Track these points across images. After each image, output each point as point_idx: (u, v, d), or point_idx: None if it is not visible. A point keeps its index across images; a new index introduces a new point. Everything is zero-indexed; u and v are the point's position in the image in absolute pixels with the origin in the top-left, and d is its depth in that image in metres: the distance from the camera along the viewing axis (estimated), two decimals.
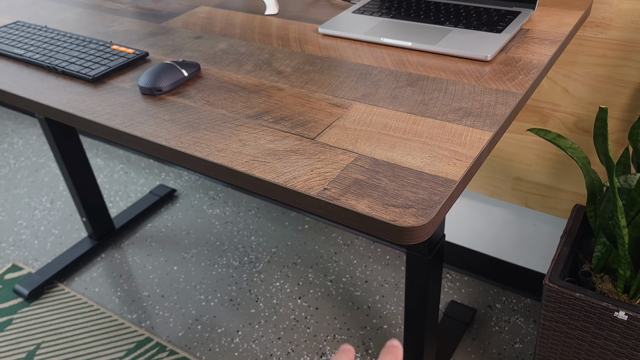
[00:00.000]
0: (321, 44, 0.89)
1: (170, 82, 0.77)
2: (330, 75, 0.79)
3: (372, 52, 0.85)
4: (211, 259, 1.69)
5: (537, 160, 1.21)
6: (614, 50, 1.00)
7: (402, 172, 0.57)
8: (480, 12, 0.91)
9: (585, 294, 0.92)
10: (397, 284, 1.57)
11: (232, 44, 0.91)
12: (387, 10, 0.95)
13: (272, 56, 0.86)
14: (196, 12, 1.06)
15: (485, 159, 0.64)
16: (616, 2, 0.96)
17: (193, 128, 0.68)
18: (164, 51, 0.90)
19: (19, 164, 2.22)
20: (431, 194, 0.54)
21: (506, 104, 0.68)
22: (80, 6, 1.12)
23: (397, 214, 0.52)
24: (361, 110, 0.69)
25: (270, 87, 0.77)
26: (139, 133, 0.68)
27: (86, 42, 0.91)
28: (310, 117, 0.69)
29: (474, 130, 0.63)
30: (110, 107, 0.74)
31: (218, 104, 0.73)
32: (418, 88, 0.74)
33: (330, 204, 0.55)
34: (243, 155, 0.62)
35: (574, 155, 0.96)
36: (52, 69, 0.84)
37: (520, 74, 0.75)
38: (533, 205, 1.29)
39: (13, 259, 1.75)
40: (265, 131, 0.67)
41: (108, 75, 0.82)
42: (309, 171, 0.59)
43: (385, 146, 0.62)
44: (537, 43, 0.83)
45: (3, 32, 0.98)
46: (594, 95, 1.06)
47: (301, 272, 1.63)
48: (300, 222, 1.81)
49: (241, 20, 1.01)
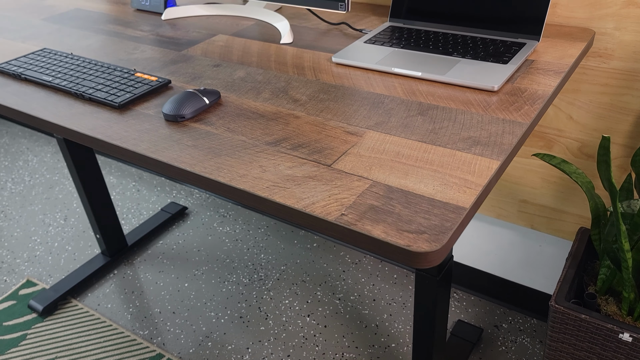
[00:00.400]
0: (335, 72, 0.93)
1: (193, 110, 0.81)
2: (345, 103, 0.83)
3: (383, 81, 0.89)
4: (221, 276, 1.72)
5: (543, 183, 1.24)
6: (617, 79, 1.04)
7: (415, 199, 0.61)
8: (487, 43, 0.95)
9: (591, 316, 0.94)
10: (405, 303, 1.59)
11: (250, 72, 0.95)
12: (397, 41, 1.00)
13: (288, 84, 0.90)
14: (214, 40, 1.11)
15: (493, 186, 0.67)
16: (618, 34, 1.00)
17: (215, 154, 0.72)
18: (185, 79, 0.94)
19: (33, 181, 2.26)
20: (443, 220, 0.57)
21: (513, 133, 0.72)
22: (103, 33, 1.17)
23: (411, 239, 0.55)
24: (374, 138, 0.73)
25: (288, 114, 0.81)
26: (164, 159, 0.72)
27: (111, 70, 0.96)
28: (326, 144, 0.73)
29: (483, 158, 0.67)
30: (136, 133, 0.78)
31: (238, 131, 0.77)
32: (428, 117, 0.77)
33: (347, 229, 0.58)
34: (264, 180, 0.66)
35: (578, 180, 0.99)
36: (80, 95, 0.89)
37: (526, 104, 0.78)
38: (539, 227, 1.32)
39: (27, 274, 1.78)
40: (283, 158, 0.70)
41: (133, 102, 0.87)
42: (327, 197, 0.62)
43: (399, 173, 0.66)
44: (542, 74, 0.87)
45: (31, 59, 1.03)
46: (598, 122, 1.10)
47: (310, 290, 1.65)
48: (309, 240, 1.85)
49: (257, 48, 1.05)
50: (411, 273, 1.69)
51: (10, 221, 2.04)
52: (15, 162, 2.41)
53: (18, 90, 0.93)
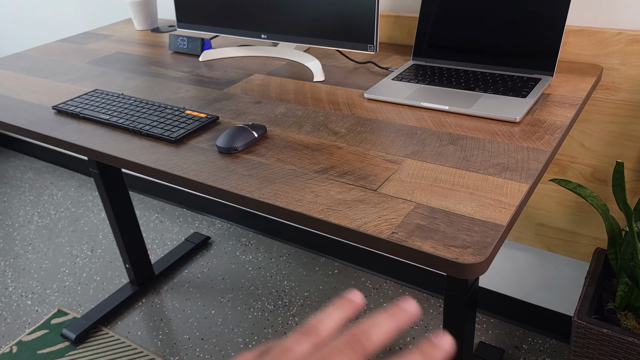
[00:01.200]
0: (368, 107, 1.02)
1: (244, 143, 0.90)
2: (381, 135, 0.91)
3: (414, 115, 0.97)
4: (247, 303, 1.78)
5: (558, 207, 1.32)
6: (624, 109, 1.12)
7: (457, 219, 0.69)
8: (505, 79, 1.05)
9: (612, 330, 1.00)
10: (426, 326, 1.64)
11: (290, 108, 1.04)
12: (422, 78, 1.09)
13: (326, 118, 0.99)
14: (252, 79, 1.20)
15: (524, 206, 0.75)
16: (623, 68, 1.09)
17: (270, 182, 0.80)
18: (231, 115, 1.03)
19: (59, 215, 2.34)
20: (484, 236, 0.65)
21: (538, 160, 0.80)
22: (147, 75, 1.27)
23: (457, 253, 0.63)
24: (413, 166, 0.81)
25: (330, 145, 0.89)
26: (225, 187, 0.80)
27: (162, 108, 1.05)
28: (370, 171, 0.81)
29: (513, 182, 0.75)
30: (195, 164, 0.86)
31: (287, 161, 0.85)
32: (459, 146, 0.86)
33: (400, 245, 0.65)
34: (318, 204, 0.74)
35: (593, 202, 1.07)
36: (137, 132, 0.98)
37: (546, 133, 0.87)
38: (555, 249, 1.39)
39: (58, 304, 1.84)
40: (332, 184, 0.78)
41: (187, 137, 0.95)
42: (377, 217, 0.70)
43: (439, 196, 0.73)
44: (558, 106, 0.96)
45: (85, 99, 1.12)
46: (608, 149, 1.18)
47: None
48: (330, 267, 1.91)
49: (293, 86, 1.15)
50: (431, 297, 1.75)
51: (38, 253, 2.10)
52: (41, 196, 2.49)
53: (78, 128, 1.02)
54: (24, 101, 1.16)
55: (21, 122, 1.05)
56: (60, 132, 1.00)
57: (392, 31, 1.36)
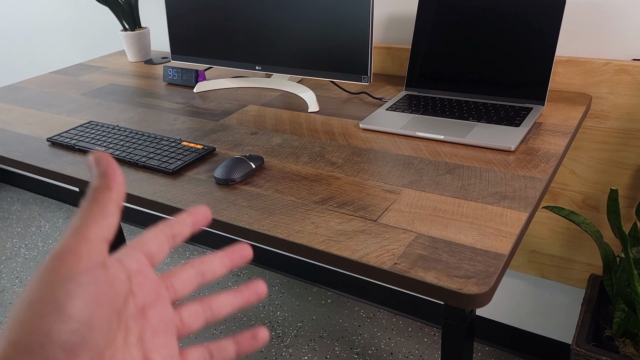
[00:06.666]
0: (363, 137, 1.03)
1: (242, 174, 0.90)
2: (378, 164, 0.92)
3: (409, 144, 0.99)
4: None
5: (551, 234, 1.33)
6: (614, 137, 1.15)
7: (459, 248, 0.69)
8: (497, 109, 1.07)
9: (611, 357, 1.00)
10: (422, 356, 1.63)
11: (286, 138, 1.05)
12: (416, 108, 1.11)
13: (323, 149, 0.99)
14: (247, 110, 1.21)
15: (524, 234, 0.75)
16: (612, 97, 1.12)
17: (270, 213, 0.80)
18: (227, 146, 1.03)
19: (47, 247, 2.30)
20: (487, 266, 0.65)
21: (535, 188, 0.81)
22: (141, 106, 1.27)
23: (461, 283, 0.63)
24: (411, 195, 0.82)
25: (328, 176, 0.90)
26: (225, 219, 0.79)
27: (158, 139, 1.05)
28: (369, 201, 0.81)
29: (512, 211, 0.76)
30: (193, 196, 0.86)
31: (286, 192, 0.85)
32: (456, 175, 0.87)
33: (402, 277, 0.65)
34: (318, 235, 0.74)
35: (587, 229, 1.08)
36: (134, 163, 0.97)
37: (541, 162, 0.88)
38: (549, 276, 1.39)
39: None
40: (332, 215, 0.78)
41: (184, 169, 0.95)
42: (378, 248, 0.70)
43: (439, 226, 0.74)
44: (551, 135, 0.97)
45: (80, 131, 1.12)
46: (599, 176, 1.20)
47: (328, 345, 1.69)
48: (323, 296, 1.89)
49: (288, 117, 1.16)
50: (425, 326, 1.74)
51: (25, 287, 2.06)
52: (28, 228, 2.46)
53: (73, 160, 1.01)
54: (18, 133, 1.15)
55: (16, 155, 1.05)
56: (56, 164, 1.00)
57: (384, 62, 1.38)
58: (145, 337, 0.29)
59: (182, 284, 0.33)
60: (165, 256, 0.32)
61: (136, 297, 0.29)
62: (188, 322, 0.33)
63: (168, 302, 0.32)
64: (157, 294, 0.31)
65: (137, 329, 0.29)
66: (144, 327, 0.29)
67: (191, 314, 0.33)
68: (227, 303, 0.34)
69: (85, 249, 0.26)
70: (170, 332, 0.31)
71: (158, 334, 0.30)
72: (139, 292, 0.30)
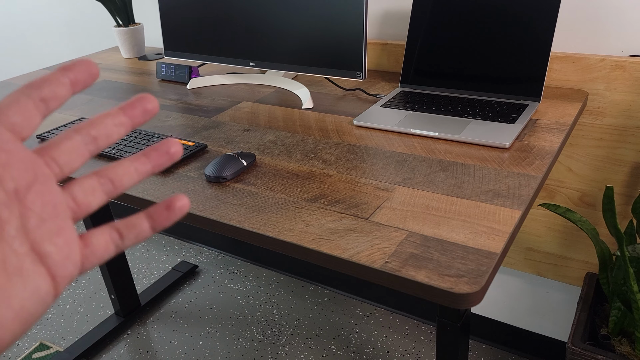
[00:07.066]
0: (357, 134, 1.02)
1: (233, 171, 0.88)
2: (371, 162, 0.91)
3: (403, 141, 0.97)
4: (235, 333, 1.74)
5: (547, 231, 1.32)
6: (610, 134, 1.14)
7: (450, 247, 0.68)
8: (493, 105, 1.05)
9: (607, 356, 0.99)
10: (418, 354, 1.62)
11: (279, 135, 1.04)
12: (411, 105, 1.09)
13: (316, 146, 0.98)
14: (240, 107, 1.20)
15: (517, 233, 0.74)
16: (608, 94, 1.10)
17: (260, 211, 0.79)
18: (219, 143, 1.02)
19: None
20: (479, 265, 0.64)
21: (529, 185, 0.80)
22: None
23: (452, 282, 0.62)
24: (404, 193, 0.81)
25: (320, 173, 0.88)
26: (214, 217, 0.78)
27: (149, 136, 1.04)
28: (361, 199, 0.80)
29: (505, 209, 0.74)
30: (183, 193, 0.85)
31: (277, 190, 0.84)
32: (450, 173, 0.85)
33: (393, 276, 0.64)
34: (309, 234, 0.73)
35: (583, 227, 1.07)
36: None
37: (536, 159, 0.87)
38: (545, 274, 1.38)
39: (40, 337, 1.79)
40: (323, 213, 0.77)
41: (175, 166, 0.94)
42: (369, 247, 0.69)
43: (431, 224, 0.73)
44: (547, 132, 0.96)
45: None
46: (595, 173, 1.19)
47: (324, 344, 1.68)
48: (319, 294, 1.88)
49: (282, 114, 1.14)
50: (421, 324, 1.73)
51: None
52: None
53: None
54: None
55: None
56: None
57: (380, 58, 1.37)
58: (29, 226, 0.24)
59: (66, 157, 0.27)
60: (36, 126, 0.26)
61: (3, 181, 0.24)
62: (84, 201, 0.27)
63: (52, 180, 0.26)
64: (34, 172, 0.25)
65: (14, 219, 0.24)
66: (25, 215, 0.24)
67: (86, 190, 0.27)
68: (129, 171, 0.28)
69: None
70: (61, 215, 0.25)
71: (46, 220, 0.25)
72: (7, 173, 0.24)
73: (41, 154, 0.26)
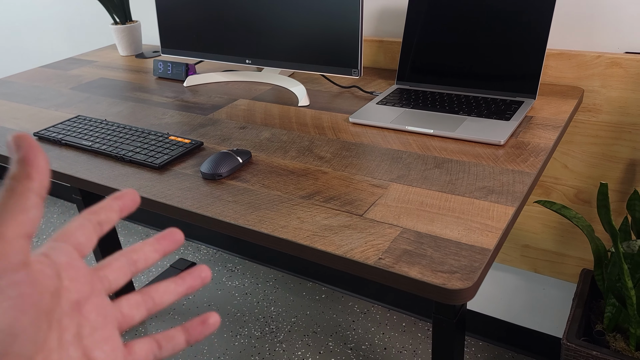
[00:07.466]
0: (353, 131, 1.02)
1: (229, 169, 0.89)
2: (366, 159, 0.91)
3: (399, 138, 0.98)
4: (233, 330, 1.75)
5: (543, 228, 1.32)
6: (606, 131, 1.14)
7: (444, 243, 0.68)
8: (488, 102, 1.06)
9: (601, 352, 1.00)
10: (415, 350, 1.62)
11: (275, 133, 1.04)
12: (407, 102, 1.10)
13: (311, 143, 0.98)
14: (237, 104, 1.20)
15: (510, 229, 0.74)
16: (604, 91, 1.11)
17: (255, 208, 0.79)
18: (215, 140, 1.02)
19: (41, 242, 2.30)
20: (471, 261, 0.65)
21: (523, 182, 0.80)
22: (130, 100, 1.26)
23: (445, 278, 0.62)
24: (399, 190, 0.81)
25: (316, 170, 0.89)
26: (210, 214, 0.78)
27: (145, 134, 1.04)
28: (355, 196, 0.80)
29: (499, 205, 0.75)
30: (179, 191, 0.85)
31: (273, 187, 0.85)
32: (444, 169, 0.86)
33: (387, 272, 0.65)
34: (303, 230, 0.73)
35: (578, 224, 1.07)
36: (120, 158, 0.96)
37: (531, 156, 0.87)
38: (541, 270, 1.39)
39: None
40: (318, 209, 0.78)
41: (170, 163, 0.94)
42: (363, 243, 0.69)
43: (425, 220, 0.73)
44: (542, 129, 0.97)
45: (68, 125, 1.10)
46: (591, 170, 1.19)
47: (322, 340, 1.68)
48: (317, 291, 1.89)
49: (278, 111, 1.15)
50: (419, 321, 1.73)
51: None
52: None
53: (60, 154, 1.00)
54: (5, 128, 1.14)
55: (2, 150, 1.04)
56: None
57: (376, 56, 1.37)
58: (83, 333, 0.27)
59: (114, 275, 0.31)
60: (93, 246, 0.30)
61: (69, 292, 0.27)
62: (129, 314, 0.31)
63: (104, 294, 0.30)
64: (91, 286, 0.29)
65: (73, 326, 0.27)
66: (81, 324, 0.27)
67: (131, 305, 0.31)
68: (169, 291, 0.33)
69: (2, 250, 0.24)
70: (110, 325, 0.29)
71: (97, 329, 0.28)
72: (72, 286, 0.27)
73: (95, 271, 0.31)
